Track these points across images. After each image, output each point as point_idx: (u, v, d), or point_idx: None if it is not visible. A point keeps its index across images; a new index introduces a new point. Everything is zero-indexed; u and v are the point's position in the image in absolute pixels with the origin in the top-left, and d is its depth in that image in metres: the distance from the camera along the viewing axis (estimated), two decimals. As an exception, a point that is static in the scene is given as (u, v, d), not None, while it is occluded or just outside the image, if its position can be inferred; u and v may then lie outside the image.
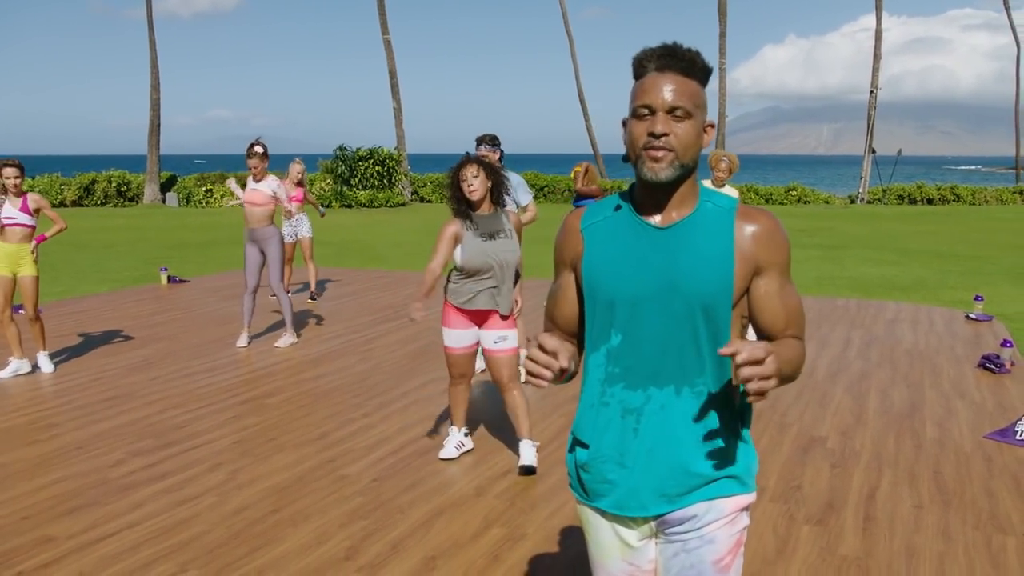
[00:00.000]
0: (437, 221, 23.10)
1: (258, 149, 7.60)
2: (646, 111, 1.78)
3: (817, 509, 4.31)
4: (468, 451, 5.09)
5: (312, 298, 10.30)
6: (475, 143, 6.54)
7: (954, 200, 32.38)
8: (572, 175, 7.52)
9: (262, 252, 7.77)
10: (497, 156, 6.50)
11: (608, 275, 1.86)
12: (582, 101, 39.28)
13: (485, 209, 4.68)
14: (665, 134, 1.76)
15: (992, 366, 6.93)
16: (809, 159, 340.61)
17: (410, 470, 4.83)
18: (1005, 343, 7.05)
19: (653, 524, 1.92)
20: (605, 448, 1.88)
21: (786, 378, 1.77)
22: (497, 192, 4.72)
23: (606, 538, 1.97)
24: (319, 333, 8.49)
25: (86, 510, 4.29)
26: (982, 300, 9.42)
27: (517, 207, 6.43)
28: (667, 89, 1.77)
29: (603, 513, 1.95)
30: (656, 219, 1.86)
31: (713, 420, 1.85)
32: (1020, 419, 5.36)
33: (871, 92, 33.80)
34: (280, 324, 8.82)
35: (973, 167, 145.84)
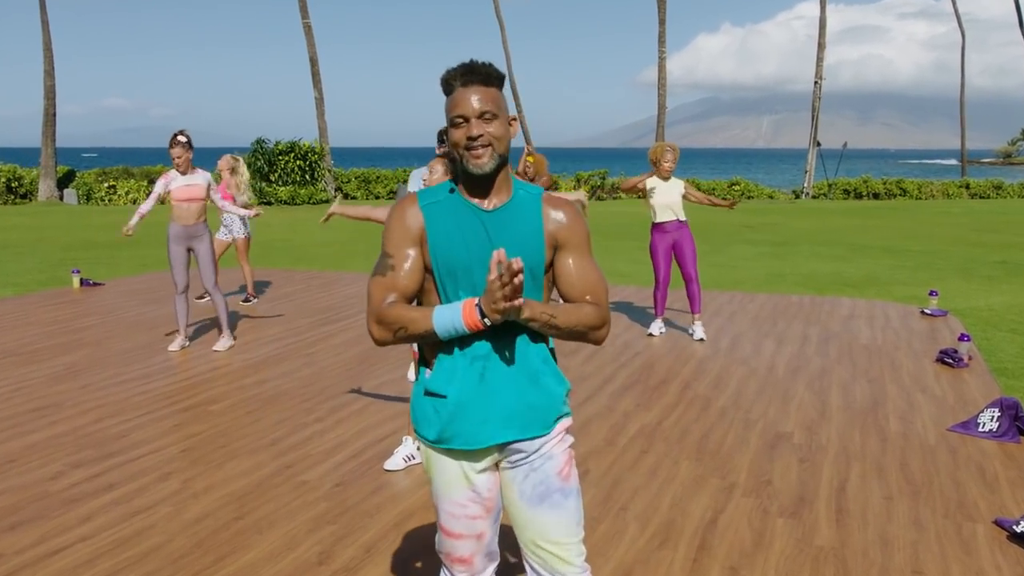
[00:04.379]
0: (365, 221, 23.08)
1: (181, 138, 7.59)
2: (461, 120, 2.30)
3: (790, 502, 4.59)
4: (418, 463, 5.12)
5: (247, 300, 10.31)
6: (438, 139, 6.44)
7: (900, 194, 33.62)
8: (523, 165, 7.68)
9: (189, 250, 7.76)
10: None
11: (452, 247, 2.35)
12: (514, 91, 39.62)
13: None
14: (480, 135, 2.28)
15: (950, 360, 7.36)
16: (749, 152, 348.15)
17: (373, 473, 4.97)
18: (963, 337, 7.49)
19: (496, 454, 2.45)
20: (458, 394, 2.37)
21: (566, 327, 2.31)
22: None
23: (453, 472, 2.45)
24: (257, 337, 8.53)
25: (31, 524, 4.32)
26: (937, 295, 9.93)
27: None
28: (474, 99, 2.29)
29: (452, 452, 2.44)
30: (483, 203, 2.39)
31: (538, 359, 2.43)
32: (982, 411, 5.74)
33: (815, 83, 34.84)
34: (213, 326, 8.84)
35: (950, 161, 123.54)
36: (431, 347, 2.43)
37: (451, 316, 2.25)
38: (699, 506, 4.54)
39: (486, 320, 2.22)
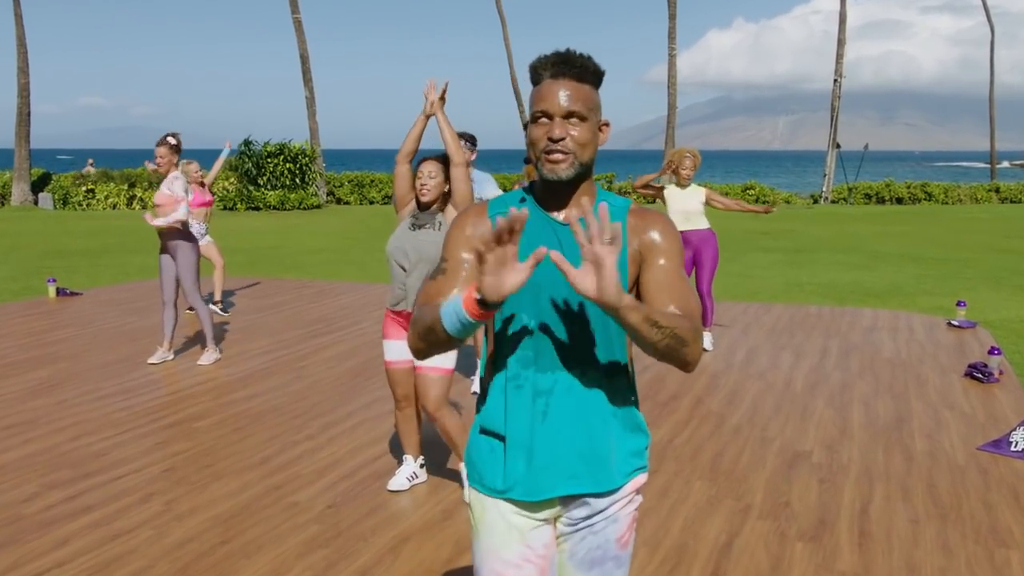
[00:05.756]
0: (357, 226, 23.14)
1: (170, 140, 7.67)
2: (543, 117, 2.13)
3: (809, 525, 4.58)
4: (421, 483, 5.17)
5: (221, 310, 10.29)
6: None
7: (925, 199, 33.63)
8: (526, 174, 7.72)
9: (174, 259, 7.81)
10: (472, 157, 6.80)
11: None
12: (516, 90, 39.69)
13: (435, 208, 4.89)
14: (562, 138, 2.10)
15: (980, 375, 7.35)
16: (765, 154, 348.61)
17: (368, 494, 4.97)
18: (993, 351, 7.48)
19: (558, 507, 2.25)
20: (517, 434, 2.18)
21: (668, 327, 1.98)
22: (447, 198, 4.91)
23: (504, 525, 2.24)
24: (243, 350, 8.54)
25: (3, 549, 4.31)
26: (965, 306, 9.93)
27: None
28: (562, 95, 2.11)
29: (509, 500, 2.23)
30: (559, 215, 2.21)
31: (613, 402, 2.22)
32: (1014, 430, 5.73)
33: (835, 81, 34.91)
34: (197, 339, 8.85)
35: (979, 164, 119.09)
36: (488, 374, 2.27)
37: (453, 303, 1.98)
38: (713, 529, 4.53)
39: (486, 303, 1.90)
